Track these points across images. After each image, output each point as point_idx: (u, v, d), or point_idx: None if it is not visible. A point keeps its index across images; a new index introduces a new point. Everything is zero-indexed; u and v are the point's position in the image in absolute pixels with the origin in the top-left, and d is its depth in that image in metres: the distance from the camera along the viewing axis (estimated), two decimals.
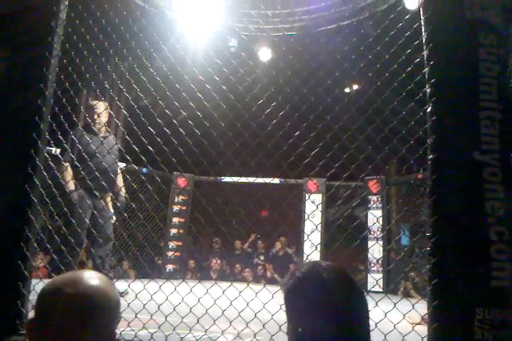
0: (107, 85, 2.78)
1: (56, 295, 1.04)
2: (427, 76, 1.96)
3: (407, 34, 2.22)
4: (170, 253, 7.74)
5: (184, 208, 7.99)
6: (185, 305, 2.25)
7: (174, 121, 2.49)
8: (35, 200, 2.20)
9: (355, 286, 1.14)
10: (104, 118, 4.01)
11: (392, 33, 2.33)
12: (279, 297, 2.06)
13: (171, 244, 7.82)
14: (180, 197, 7.98)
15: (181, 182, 8.03)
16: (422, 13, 2.02)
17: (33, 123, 2.23)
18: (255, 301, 2.13)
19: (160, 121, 2.49)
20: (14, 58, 2.26)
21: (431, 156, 1.88)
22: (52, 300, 1.04)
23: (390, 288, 6.41)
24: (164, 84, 2.60)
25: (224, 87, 2.54)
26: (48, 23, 2.32)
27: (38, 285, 2.38)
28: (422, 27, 2.02)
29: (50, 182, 2.44)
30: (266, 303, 2.10)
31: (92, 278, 1.09)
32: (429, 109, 1.92)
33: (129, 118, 2.64)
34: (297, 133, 2.34)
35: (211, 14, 6.35)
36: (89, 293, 1.05)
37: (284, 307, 1.19)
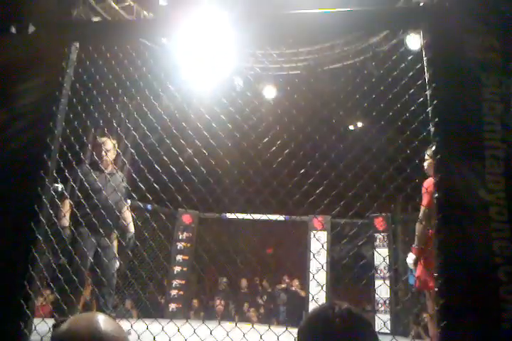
0: (114, 124, 2.83)
1: None
2: (430, 115, 1.99)
3: (410, 74, 2.27)
4: (173, 292, 7.61)
5: (188, 245, 7.92)
6: None
7: (180, 159, 2.52)
8: (40, 238, 2.19)
9: (366, 330, 1.11)
10: (111, 155, 4.04)
11: (395, 73, 2.38)
12: (285, 339, 2.01)
13: (174, 282, 7.70)
14: (185, 234, 7.93)
15: (186, 218, 8.00)
16: (424, 53, 2.07)
17: (41, 160, 2.26)
18: None
19: (166, 159, 2.52)
20: (25, 97, 2.32)
21: (436, 195, 1.87)
22: None
23: (399, 330, 6.23)
24: (171, 122, 2.64)
25: (230, 126, 2.58)
26: (59, 64, 2.39)
27: (39, 325, 2.34)
28: (425, 67, 2.06)
29: (55, 219, 2.45)
30: None
31: (109, 324, 1.08)
32: (433, 148, 1.94)
33: (136, 157, 2.67)
34: (302, 171, 2.35)
35: (217, 54, 6.52)
36: None
37: None
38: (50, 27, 2.45)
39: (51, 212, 2.32)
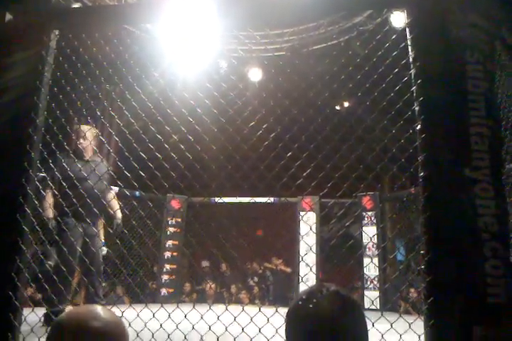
0: (98, 112, 2.79)
1: (83, 331, 1.03)
2: (415, 94, 1.99)
3: (394, 53, 2.26)
4: (164, 277, 7.64)
5: (178, 230, 7.93)
6: (180, 332, 2.21)
7: (166, 145, 2.50)
8: (27, 229, 2.18)
9: (354, 312, 1.12)
10: (93, 143, 4.02)
11: (380, 52, 2.36)
12: (275, 320, 2.03)
13: (165, 268, 7.73)
14: (174, 219, 7.93)
15: (174, 204, 7.99)
16: (408, 32, 2.06)
17: (24, 151, 2.22)
18: (251, 325, 2.11)
19: (151, 146, 2.50)
20: (5, 87, 2.27)
21: (422, 174, 1.89)
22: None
23: (388, 307, 6.35)
24: (155, 109, 2.61)
25: (215, 111, 2.55)
26: (38, 52, 2.33)
27: (29, 316, 2.34)
28: (409, 46, 2.05)
29: (40, 210, 2.42)
30: (261, 328, 2.07)
31: (108, 314, 1.11)
32: (418, 127, 1.94)
33: (120, 144, 2.64)
34: (289, 154, 2.35)
35: (200, 37, 6.42)
36: (112, 329, 1.05)
37: (282, 331, 1.17)
38: (27, 14, 2.39)
39: (36, 202, 2.29)
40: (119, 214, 4.30)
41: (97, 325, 1.04)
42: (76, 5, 6.56)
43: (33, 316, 2.39)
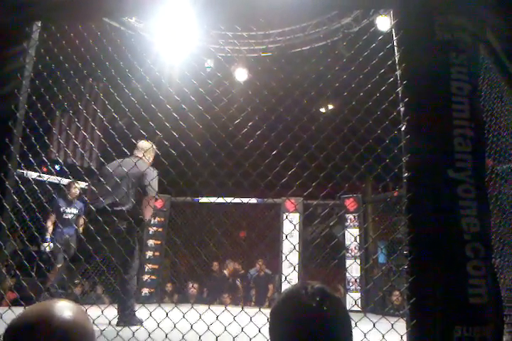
0: (80, 106, 2.74)
1: (30, 333, 0.97)
2: (400, 95, 1.99)
3: (380, 54, 2.27)
4: (146, 277, 7.56)
5: (160, 230, 7.86)
6: (161, 331, 2.18)
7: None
8: (4, 225, 2.13)
9: (339, 310, 1.10)
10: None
11: (366, 53, 2.37)
12: (258, 320, 2.02)
13: (147, 267, 7.65)
14: (157, 218, 7.86)
15: (157, 203, 7.91)
16: (394, 34, 2.07)
17: (3, 145, 2.17)
18: (233, 325, 2.09)
19: (136, 142, 2.47)
20: None
21: (406, 174, 1.89)
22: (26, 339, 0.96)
23: (370, 308, 6.38)
24: (140, 104, 2.58)
25: (200, 108, 2.53)
26: (19, 44, 2.28)
27: (6, 314, 2.29)
28: (395, 47, 2.06)
29: (20, 206, 2.35)
30: (244, 327, 2.05)
31: (64, 310, 1.02)
32: (403, 128, 1.95)
33: (102, 140, 2.60)
34: (274, 152, 2.34)
35: (187, 36, 6.39)
36: (65, 328, 0.98)
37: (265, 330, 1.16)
38: (9, 6, 2.34)
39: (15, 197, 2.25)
40: None
41: (49, 328, 0.96)
42: None
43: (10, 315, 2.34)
